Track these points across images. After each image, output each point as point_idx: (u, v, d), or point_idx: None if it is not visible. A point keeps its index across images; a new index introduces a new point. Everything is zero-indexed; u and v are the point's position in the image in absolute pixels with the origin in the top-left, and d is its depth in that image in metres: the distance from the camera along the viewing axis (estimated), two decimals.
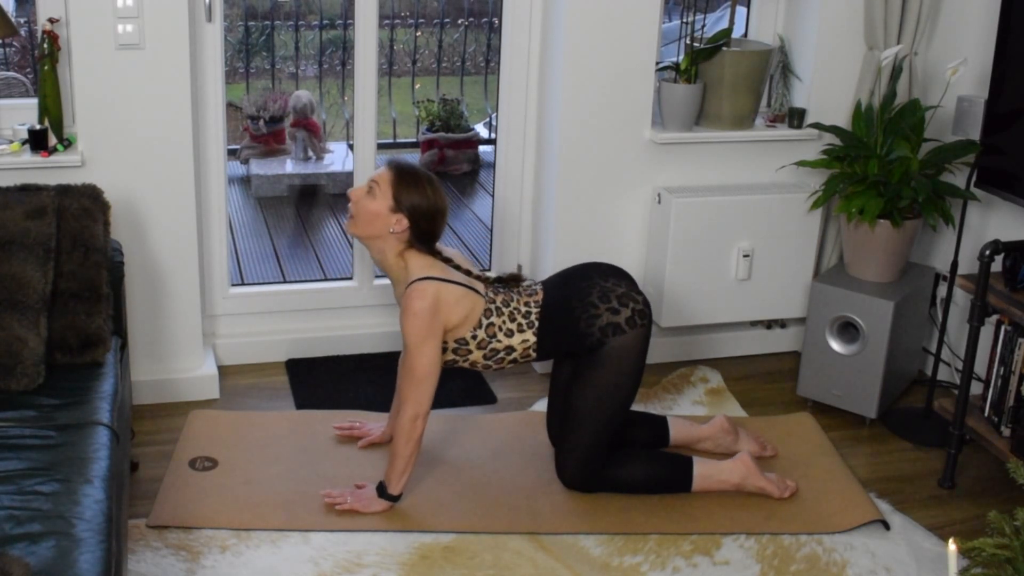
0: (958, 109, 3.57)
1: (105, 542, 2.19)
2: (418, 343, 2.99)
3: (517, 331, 3.10)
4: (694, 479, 3.20)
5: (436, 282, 3.01)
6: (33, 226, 2.89)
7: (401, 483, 3.07)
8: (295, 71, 7.93)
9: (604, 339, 3.06)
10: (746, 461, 3.23)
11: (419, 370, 3.00)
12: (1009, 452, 3.23)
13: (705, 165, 4.00)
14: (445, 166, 6.91)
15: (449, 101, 7.19)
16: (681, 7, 7.04)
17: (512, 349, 3.11)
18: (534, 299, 3.14)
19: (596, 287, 3.11)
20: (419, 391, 3.01)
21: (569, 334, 3.09)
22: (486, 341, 3.08)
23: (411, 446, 3.03)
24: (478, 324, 3.06)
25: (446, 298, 3.01)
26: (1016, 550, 2.25)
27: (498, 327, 3.08)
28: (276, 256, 5.48)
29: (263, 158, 6.60)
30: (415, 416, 3.01)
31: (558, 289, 3.16)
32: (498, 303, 3.10)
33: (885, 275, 3.72)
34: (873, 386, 3.66)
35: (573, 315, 3.08)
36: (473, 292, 3.07)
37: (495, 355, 3.11)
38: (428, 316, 2.97)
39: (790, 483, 3.27)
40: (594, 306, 3.07)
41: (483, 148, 7.06)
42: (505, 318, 3.09)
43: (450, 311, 3.02)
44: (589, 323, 3.06)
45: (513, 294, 3.15)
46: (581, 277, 3.16)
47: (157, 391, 3.69)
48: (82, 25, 3.32)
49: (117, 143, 3.44)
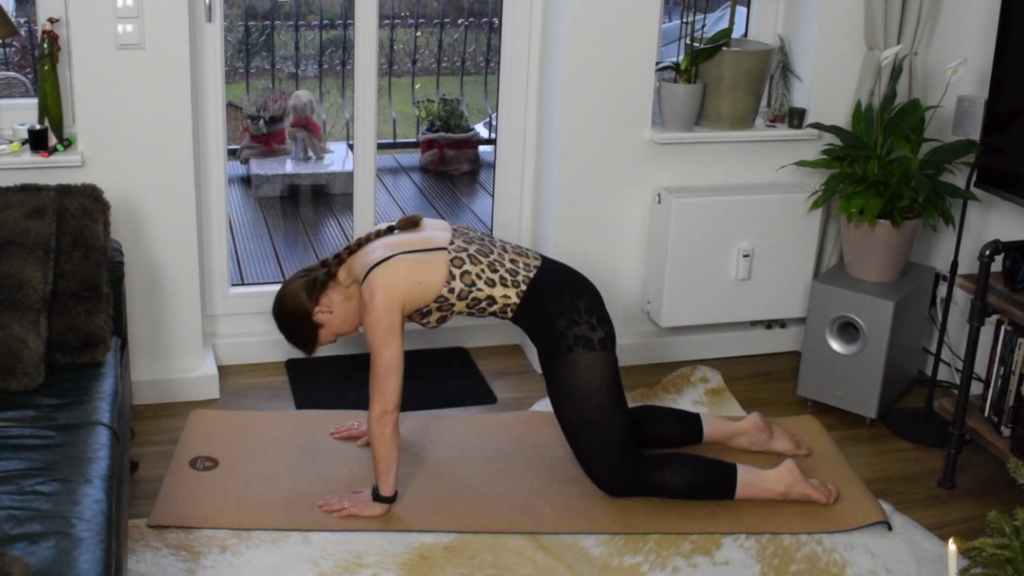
0: (958, 109, 3.57)
1: (105, 542, 2.19)
2: (381, 340, 2.98)
3: (500, 283, 3.07)
4: (738, 486, 3.16)
5: (381, 266, 3.00)
6: (33, 226, 2.89)
7: (389, 483, 3.05)
8: (295, 71, 7.93)
9: (574, 347, 3.04)
10: (792, 469, 3.19)
11: (381, 366, 2.98)
12: (1009, 452, 3.24)
13: (705, 165, 4.00)
14: (445, 166, 6.91)
15: (449, 101, 7.19)
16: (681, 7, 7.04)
17: (493, 300, 3.08)
18: (525, 261, 3.13)
19: (586, 297, 3.11)
20: (383, 387, 2.99)
21: (546, 324, 3.07)
22: (466, 291, 3.05)
23: (385, 444, 3.00)
24: (450, 276, 3.03)
25: (393, 281, 2.98)
26: (1016, 550, 2.25)
27: (476, 275, 3.05)
28: (276, 256, 5.48)
29: (263, 158, 6.60)
30: (382, 412, 2.99)
31: (554, 272, 3.14)
32: (471, 251, 3.07)
33: (885, 275, 3.72)
34: (873, 386, 3.66)
35: (558, 308, 3.06)
36: (430, 251, 3.04)
37: (477, 304, 3.08)
38: (385, 310, 2.97)
39: (831, 487, 3.24)
40: (579, 313, 3.07)
41: (483, 148, 7.06)
42: (483, 267, 3.06)
43: (408, 286, 3.00)
44: (568, 326, 3.05)
45: (493, 247, 3.13)
46: (575, 280, 3.15)
47: (157, 391, 3.69)
48: (82, 25, 3.32)
49: (117, 143, 3.44)
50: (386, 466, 3.03)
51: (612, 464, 3.13)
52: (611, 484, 3.16)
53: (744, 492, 3.17)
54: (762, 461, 3.37)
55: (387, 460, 3.02)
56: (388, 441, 3.00)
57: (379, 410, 2.99)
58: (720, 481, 3.17)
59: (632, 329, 4.10)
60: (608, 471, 3.14)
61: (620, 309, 4.07)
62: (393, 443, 3.01)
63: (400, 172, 7.15)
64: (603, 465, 3.13)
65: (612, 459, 3.12)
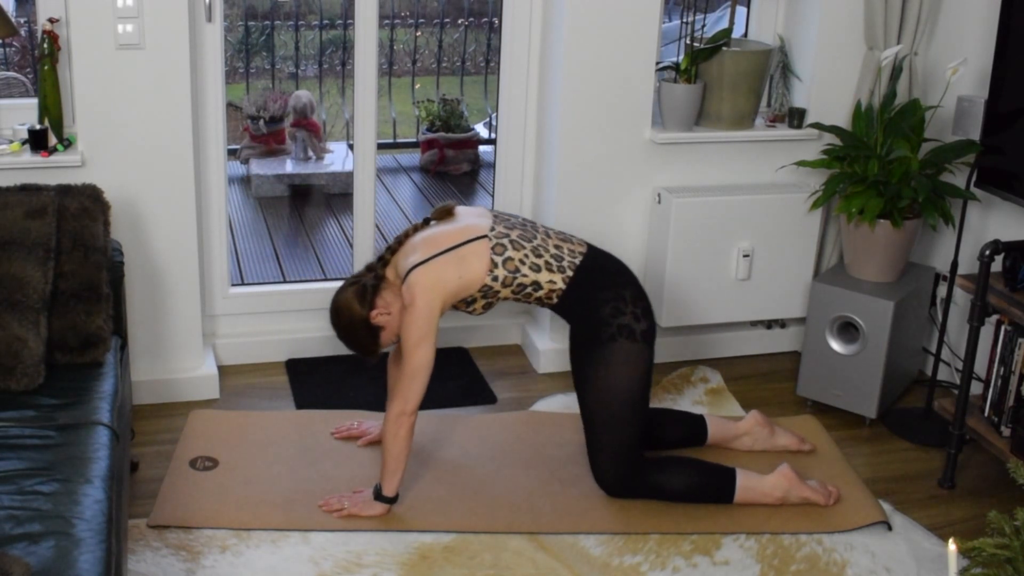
0: (958, 109, 3.57)
1: (105, 542, 2.19)
2: (415, 342, 2.97)
3: (545, 268, 3.06)
4: (736, 491, 3.16)
5: (421, 267, 2.99)
6: (33, 226, 2.89)
7: (394, 484, 3.05)
8: (295, 71, 7.93)
9: (617, 336, 3.04)
10: (787, 474, 3.19)
11: (410, 367, 2.98)
12: (1009, 452, 3.23)
13: (705, 165, 4.00)
14: (445, 166, 6.91)
15: (449, 101, 7.19)
16: (681, 7, 7.04)
17: (539, 286, 3.07)
18: (570, 247, 3.12)
19: (631, 287, 3.10)
20: (408, 387, 2.99)
21: (590, 312, 3.06)
22: (510, 278, 3.04)
23: (398, 444, 3.00)
24: (492, 264, 3.02)
25: (434, 284, 2.98)
26: (1016, 550, 2.25)
27: (519, 261, 3.04)
28: (276, 256, 5.48)
29: (263, 158, 6.60)
30: (400, 412, 2.99)
31: (603, 260, 3.14)
32: (513, 237, 3.06)
33: (885, 275, 3.72)
34: (873, 386, 3.66)
35: (602, 297, 3.06)
36: (469, 243, 3.03)
37: (522, 290, 3.08)
38: (423, 313, 2.96)
39: (832, 488, 3.23)
40: (624, 302, 3.06)
41: (483, 148, 7.06)
42: (527, 252, 3.05)
43: (444, 290, 3.00)
44: (612, 314, 3.04)
45: (536, 232, 3.12)
46: (621, 270, 3.15)
47: (157, 391, 3.69)
48: (82, 25, 3.32)
49: (117, 143, 3.44)
50: (395, 466, 3.03)
51: (619, 463, 3.13)
52: (613, 483, 3.16)
53: (742, 496, 3.17)
54: (763, 464, 3.37)
55: (396, 460, 3.02)
56: (401, 442, 3.00)
57: (398, 409, 2.99)
58: (719, 485, 3.16)
59: None
60: (614, 470, 3.14)
61: None
62: (406, 444, 3.02)
63: (400, 172, 7.15)
64: (611, 463, 3.13)
65: (621, 458, 3.12)
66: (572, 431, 3.57)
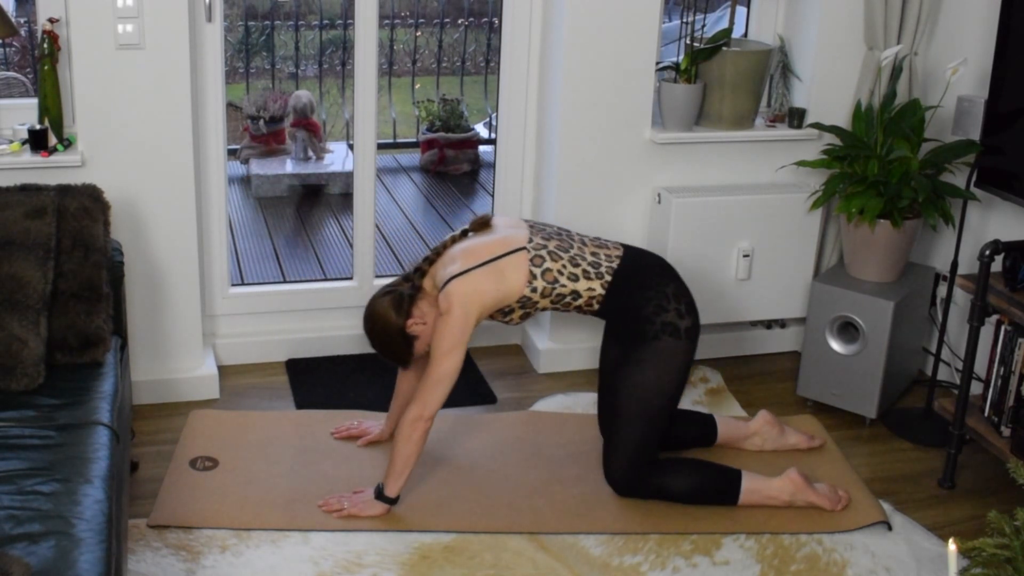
0: (958, 109, 3.57)
1: (105, 542, 2.19)
2: (445, 350, 2.98)
3: (583, 277, 3.06)
4: (741, 493, 3.16)
5: (459, 278, 3.00)
6: (33, 226, 2.89)
7: (398, 485, 3.05)
8: (295, 71, 7.93)
9: (661, 334, 3.04)
10: (794, 478, 3.18)
11: (435, 373, 2.99)
12: (1009, 452, 3.23)
13: (705, 165, 4.00)
14: (445, 166, 6.91)
15: (449, 101, 7.19)
16: (681, 7, 7.04)
17: (578, 295, 3.08)
18: (607, 252, 3.12)
19: (673, 284, 3.11)
20: (430, 393, 3.00)
21: (632, 311, 3.07)
22: (549, 288, 3.05)
23: (410, 447, 3.01)
24: (531, 276, 3.04)
25: (471, 295, 2.99)
26: (1016, 550, 2.25)
27: (558, 271, 3.05)
28: (276, 256, 5.48)
29: (263, 158, 6.60)
30: (418, 417, 3.00)
31: (641, 260, 3.15)
32: (551, 248, 3.07)
33: (885, 275, 3.72)
34: (873, 386, 3.66)
35: (644, 296, 3.07)
36: (507, 255, 3.04)
37: (561, 299, 3.08)
38: (458, 322, 2.97)
39: (842, 493, 3.22)
40: (667, 299, 3.07)
41: (483, 148, 7.06)
42: (564, 263, 3.06)
43: (482, 302, 3.00)
44: (655, 312, 3.05)
45: (572, 241, 3.13)
46: (662, 267, 3.15)
47: (157, 391, 3.69)
48: (82, 25, 3.32)
49: (117, 143, 3.44)
50: (402, 467, 3.03)
51: (636, 462, 3.13)
52: (624, 481, 3.16)
53: (747, 499, 3.17)
54: (772, 464, 3.36)
55: (405, 462, 3.03)
56: (413, 445, 3.01)
57: (416, 413, 3.00)
58: (724, 487, 3.17)
59: None
60: (629, 468, 3.13)
61: None
62: (417, 448, 3.02)
63: (400, 172, 7.15)
64: (627, 461, 3.13)
65: (639, 458, 3.12)
66: (572, 431, 3.57)
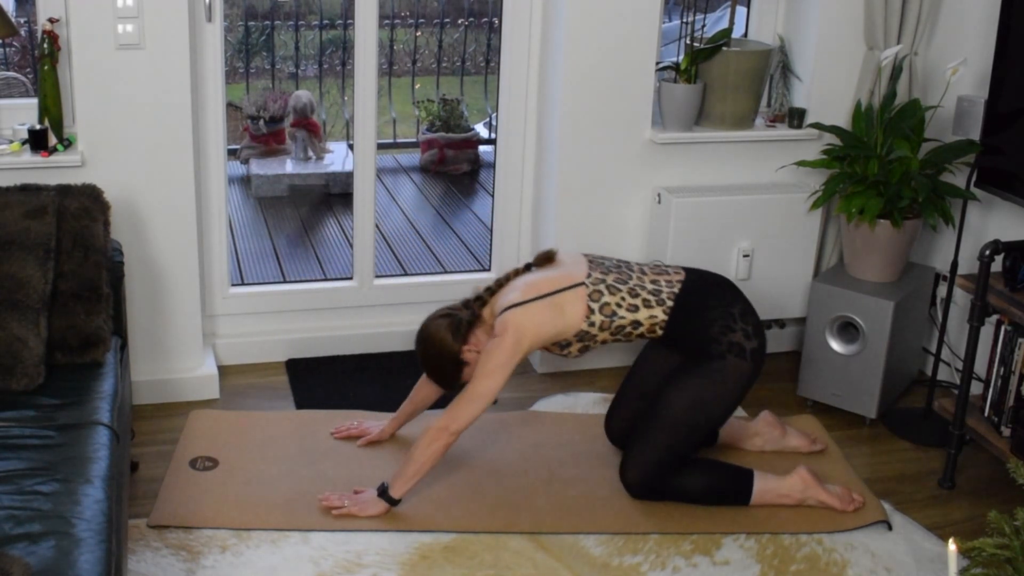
0: (958, 109, 3.57)
1: (105, 542, 2.19)
2: (489, 370, 2.99)
3: (643, 306, 3.07)
4: (753, 493, 3.16)
5: (519, 308, 3.02)
6: (33, 226, 2.89)
7: (406, 488, 3.05)
8: (295, 71, 7.93)
9: (726, 354, 3.05)
10: (804, 476, 3.18)
11: (473, 390, 3.01)
12: (1009, 452, 3.23)
13: (705, 165, 4.00)
14: (445, 166, 6.91)
15: (449, 101, 7.19)
16: (681, 7, 7.05)
17: (639, 324, 3.08)
18: (667, 278, 3.13)
19: (739, 304, 3.12)
20: (463, 409, 3.01)
21: (698, 332, 3.07)
22: (607, 322, 3.06)
23: (427, 455, 3.01)
24: (589, 311, 3.04)
25: (527, 325, 3.00)
26: (1016, 550, 2.25)
27: (616, 305, 3.05)
28: (276, 256, 5.48)
29: (263, 158, 6.60)
30: (444, 427, 3.00)
31: (703, 282, 3.15)
32: (609, 282, 3.07)
33: (885, 275, 3.72)
34: (873, 386, 3.66)
35: (709, 316, 3.07)
36: (566, 290, 3.05)
37: (622, 331, 3.09)
38: (510, 349, 2.99)
39: (856, 496, 3.21)
40: (733, 319, 3.08)
41: (483, 148, 7.06)
42: (623, 295, 3.06)
43: (537, 334, 3.02)
44: (722, 332, 3.06)
45: (631, 272, 3.13)
46: (726, 286, 3.16)
47: (157, 391, 3.69)
48: (82, 25, 3.32)
49: (117, 143, 3.44)
50: (413, 472, 3.03)
51: (660, 470, 3.12)
52: (642, 484, 3.15)
53: (760, 499, 3.16)
54: (771, 467, 3.35)
55: (418, 469, 3.03)
56: (432, 454, 3.01)
57: (443, 424, 3.00)
58: (737, 488, 3.17)
59: None
60: (652, 473, 3.13)
61: None
62: (435, 458, 3.03)
63: (400, 172, 7.15)
64: (653, 467, 3.12)
65: (663, 466, 3.12)
66: (572, 431, 3.57)
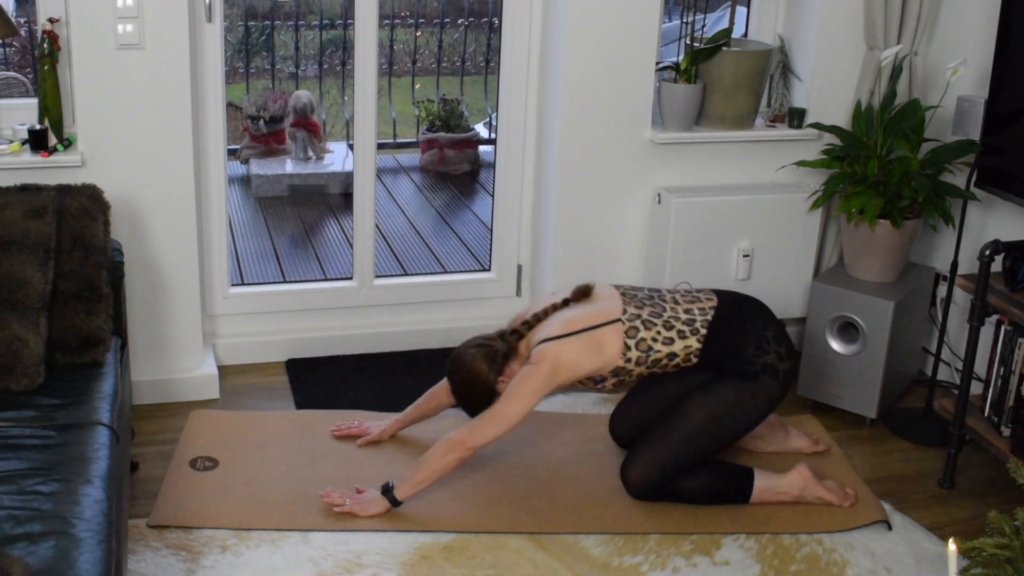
0: (958, 109, 3.57)
1: (105, 542, 2.19)
2: (517, 395, 3.00)
3: (678, 338, 3.09)
4: (753, 492, 3.17)
5: (557, 341, 3.04)
6: (33, 226, 2.89)
7: (411, 492, 3.06)
8: (295, 71, 7.93)
9: (760, 374, 3.08)
10: (804, 473, 3.20)
11: (500, 412, 3.01)
12: (1009, 452, 3.23)
13: (705, 165, 4.00)
14: (445, 166, 6.91)
15: (449, 101, 7.19)
16: (681, 7, 7.04)
17: (674, 355, 3.11)
18: (700, 306, 3.15)
19: (773, 327, 3.15)
20: (484, 427, 3.02)
21: (733, 354, 3.10)
22: (643, 357, 3.08)
23: (440, 465, 3.02)
24: (625, 348, 3.07)
25: (565, 359, 3.02)
26: (1016, 550, 2.25)
27: (651, 339, 3.08)
28: (276, 256, 5.48)
29: (263, 158, 6.60)
30: (462, 441, 3.01)
31: (736, 307, 3.17)
32: (644, 316, 3.10)
33: (885, 275, 3.72)
34: (873, 386, 3.66)
35: (744, 338, 3.10)
36: (603, 326, 3.07)
37: (658, 363, 3.11)
38: (542, 379, 3.00)
39: (850, 491, 3.24)
40: (768, 342, 3.11)
41: (483, 148, 7.06)
42: (659, 328, 3.09)
43: (572, 368, 3.04)
44: (757, 353, 3.09)
45: (664, 303, 3.15)
46: (759, 309, 3.19)
47: (157, 391, 3.69)
48: (82, 25, 3.32)
49: (117, 143, 3.44)
50: (423, 479, 3.04)
51: (665, 473, 3.12)
52: (643, 484, 3.16)
53: (759, 497, 3.18)
54: (777, 464, 3.36)
55: (428, 477, 3.04)
56: (445, 466, 3.03)
57: (461, 438, 3.01)
58: (736, 487, 3.18)
59: None
60: (656, 475, 3.13)
61: None
62: (445, 471, 3.04)
63: (400, 172, 7.15)
64: (658, 469, 3.12)
65: (669, 470, 3.12)
66: (572, 431, 3.57)
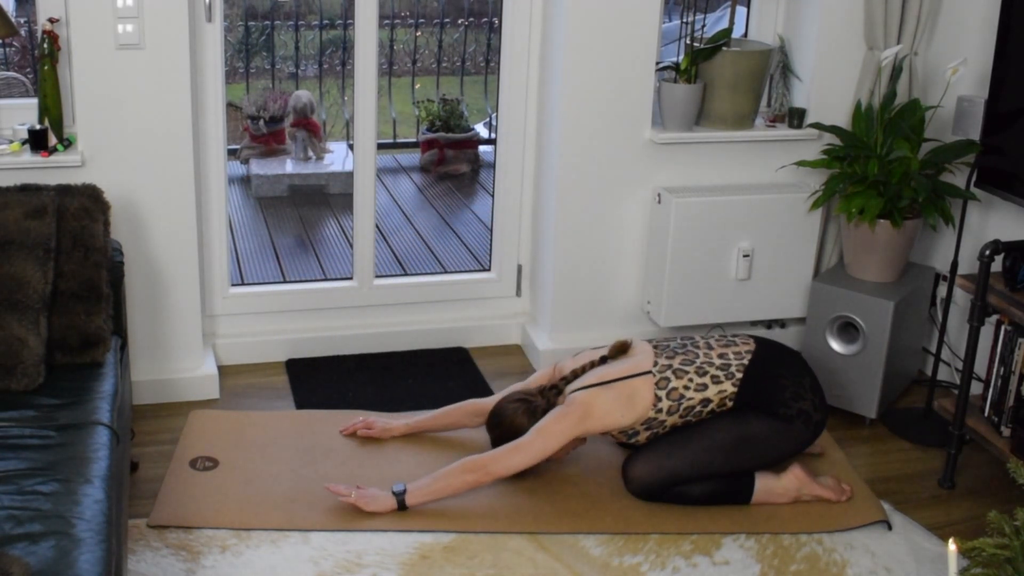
0: (958, 109, 3.57)
1: (105, 542, 2.19)
2: (546, 434, 3.06)
3: (712, 383, 3.12)
4: (754, 494, 3.19)
5: (592, 390, 3.09)
6: (33, 226, 2.89)
7: (422, 501, 3.07)
8: (295, 71, 7.93)
9: (795, 419, 3.12)
10: (798, 474, 3.21)
11: (527, 443, 3.06)
12: (1009, 452, 3.24)
13: (705, 165, 4.00)
14: (445, 166, 6.92)
15: (449, 101, 7.19)
16: (681, 7, 7.04)
17: (708, 401, 3.13)
18: (735, 350, 3.18)
19: (809, 377, 3.20)
20: (508, 457, 3.06)
21: (768, 397, 3.13)
22: (675, 406, 3.12)
23: (456, 483, 3.05)
24: (656, 399, 3.10)
25: (597, 408, 3.07)
26: (1016, 550, 2.25)
27: (683, 387, 3.11)
28: (276, 256, 5.48)
29: (263, 158, 6.60)
30: (483, 465, 3.05)
31: (775, 352, 3.21)
32: (676, 366, 3.13)
33: (885, 275, 3.72)
34: (873, 386, 3.66)
35: (780, 383, 3.14)
36: (634, 377, 3.11)
37: (692, 411, 3.14)
38: (572, 425, 3.07)
39: (845, 486, 3.26)
40: (804, 389, 3.15)
41: (483, 148, 7.06)
42: (691, 375, 3.12)
43: (603, 418, 3.08)
44: (793, 399, 3.12)
45: (698, 350, 3.18)
46: (797, 359, 3.24)
47: (157, 391, 3.69)
48: (82, 25, 3.32)
49: (117, 143, 3.44)
50: (436, 492, 3.07)
51: (672, 480, 3.14)
52: (646, 485, 3.17)
53: (759, 498, 3.19)
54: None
55: (442, 488, 3.06)
56: (461, 483, 3.06)
57: (483, 462, 3.06)
58: (738, 488, 3.18)
59: (632, 329, 4.10)
60: (663, 479, 3.14)
61: (620, 309, 4.08)
62: (461, 488, 3.07)
63: (400, 172, 7.15)
64: (666, 474, 3.14)
65: (677, 477, 3.14)
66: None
